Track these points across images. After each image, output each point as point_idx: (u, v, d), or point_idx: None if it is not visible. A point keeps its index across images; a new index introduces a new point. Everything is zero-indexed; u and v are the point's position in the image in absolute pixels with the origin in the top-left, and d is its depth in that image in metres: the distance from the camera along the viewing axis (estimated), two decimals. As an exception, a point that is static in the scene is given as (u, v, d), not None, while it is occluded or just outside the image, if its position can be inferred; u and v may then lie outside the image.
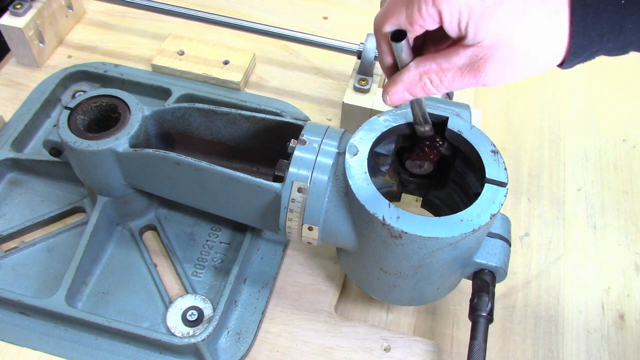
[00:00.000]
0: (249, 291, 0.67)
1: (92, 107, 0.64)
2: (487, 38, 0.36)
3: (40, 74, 0.87)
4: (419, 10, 0.36)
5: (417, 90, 0.41)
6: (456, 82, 0.39)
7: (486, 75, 0.38)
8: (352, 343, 0.64)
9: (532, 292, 0.70)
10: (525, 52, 0.36)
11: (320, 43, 0.80)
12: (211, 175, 0.59)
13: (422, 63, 0.40)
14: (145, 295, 0.66)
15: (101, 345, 0.62)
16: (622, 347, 0.66)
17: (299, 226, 0.57)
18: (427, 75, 0.39)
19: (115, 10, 0.95)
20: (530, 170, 0.81)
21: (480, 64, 0.37)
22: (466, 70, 0.38)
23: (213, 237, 0.71)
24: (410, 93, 0.41)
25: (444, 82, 0.39)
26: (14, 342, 0.62)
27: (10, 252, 0.69)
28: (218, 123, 0.65)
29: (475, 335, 0.55)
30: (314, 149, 0.56)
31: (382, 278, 0.57)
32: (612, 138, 0.86)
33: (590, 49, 0.35)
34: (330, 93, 0.87)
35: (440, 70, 0.39)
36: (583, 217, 0.77)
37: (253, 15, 0.97)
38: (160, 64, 0.85)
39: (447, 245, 0.51)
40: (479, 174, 0.55)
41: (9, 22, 0.83)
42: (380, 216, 0.50)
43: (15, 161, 0.74)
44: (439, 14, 0.36)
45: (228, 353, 0.62)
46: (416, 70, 0.40)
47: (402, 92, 0.41)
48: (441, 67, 0.39)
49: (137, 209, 0.71)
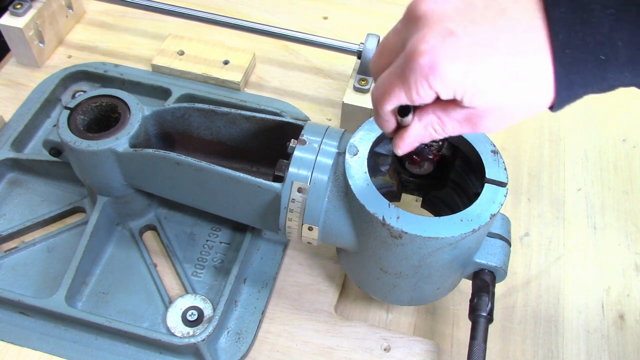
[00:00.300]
0: (249, 291, 0.67)
1: (92, 107, 0.64)
2: (481, 105, 0.39)
3: (40, 74, 0.87)
4: (417, 92, 0.39)
5: (424, 139, 0.45)
6: (456, 130, 0.42)
7: (483, 128, 0.41)
8: (352, 343, 0.64)
9: (532, 292, 0.70)
10: (518, 110, 0.40)
11: (320, 43, 0.80)
12: (211, 175, 0.59)
13: (424, 116, 0.43)
14: (145, 295, 0.66)
15: (101, 345, 0.62)
16: (622, 347, 0.66)
17: (299, 226, 0.57)
18: (430, 125, 0.43)
19: (115, 10, 0.95)
20: (530, 170, 0.81)
21: (476, 120, 0.41)
22: (464, 122, 0.41)
23: (213, 237, 0.71)
24: (419, 142, 0.45)
25: (445, 130, 0.43)
26: (14, 342, 0.62)
27: (10, 252, 0.69)
28: (218, 123, 0.65)
29: (475, 335, 0.56)
30: (314, 149, 0.56)
31: (382, 278, 0.57)
32: (612, 138, 0.86)
33: (575, 98, 0.39)
34: (330, 93, 0.87)
35: (441, 122, 0.42)
36: (583, 217, 0.77)
37: (253, 15, 0.97)
38: (160, 64, 0.85)
39: (447, 245, 0.51)
40: (479, 174, 0.55)
41: (9, 22, 0.83)
42: (380, 216, 0.50)
43: (15, 161, 0.74)
44: (436, 93, 0.39)
45: (228, 353, 0.62)
46: (420, 124, 0.43)
47: (410, 143, 0.45)
48: (442, 119, 0.42)
49: (137, 209, 0.71)
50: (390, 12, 0.99)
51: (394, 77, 0.40)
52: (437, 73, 0.37)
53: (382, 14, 0.99)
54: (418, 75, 0.38)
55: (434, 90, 0.38)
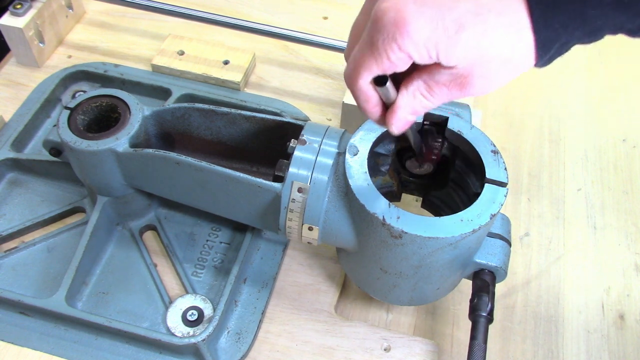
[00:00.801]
0: (249, 291, 0.67)
1: (92, 107, 0.64)
2: (460, 62, 0.37)
3: (40, 74, 0.87)
4: (388, 59, 0.37)
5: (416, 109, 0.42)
6: (445, 95, 0.40)
7: (471, 89, 0.39)
8: (352, 343, 0.64)
9: (532, 292, 0.70)
10: (500, 63, 0.37)
11: (320, 43, 0.80)
12: (211, 175, 0.59)
13: (411, 83, 0.41)
14: (145, 295, 0.66)
15: (101, 345, 0.62)
16: (622, 347, 0.66)
17: (299, 226, 0.57)
18: (418, 92, 0.41)
19: (115, 10, 0.95)
20: (530, 170, 0.81)
21: (462, 80, 0.39)
22: (451, 84, 0.39)
23: (213, 237, 0.71)
24: (411, 113, 0.42)
25: (434, 95, 0.40)
26: (14, 342, 0.62)
27: (10, 252, 0.69)
28: (218, 123, 0.65)
29: (475, 335, 0.56)
30: (314, 149, 0.56)
31: (382, 278, 0.57)
32: (612, 138, 0.86)
33: (558, 41, 0.36)
34: (330, 93, 0.87)
35: (428, 87, 0.40)
36: (583, 217, 0.77)
37: (253, 15, 0.97)
38: (160, 64, 0.85)
39: (447, 245, 0.51)
40: (479, 174, 0.55)
41: (9, 22, 0.83)
42: (380, 216, 0.50)
43: (15, 161, 0.74)
44: (408, 56, 0.37)
45: (228, 353, 0.62)
46: (407, 93, 0.41)
47: (404, 117, 0.42)
48: (428, 84, 0.40)
49: (137, 209, 0.71)
50: (390, 12, 0.99)
51: (363, 48, 0.38)
52: (404, 30, 0.35)
53: (382, 14, 0.99)
54: (385, 36, 0.36)
55: (405, 52, 0.36)
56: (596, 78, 0.93)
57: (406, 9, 0.35)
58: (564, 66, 0.93)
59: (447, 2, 0.35)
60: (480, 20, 0.35)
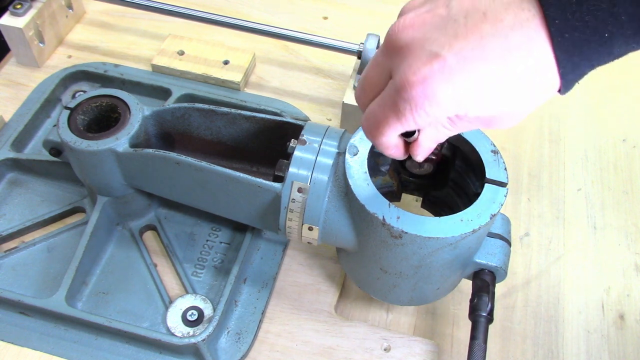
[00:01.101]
0: (249, 291, 0.67)
1: (92, 107, 0.64)
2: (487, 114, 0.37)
3: (40, 74, 0.87)
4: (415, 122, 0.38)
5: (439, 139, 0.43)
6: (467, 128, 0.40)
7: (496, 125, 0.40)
8: (352, 343, 0.64)
9: (532, 292, 0.70)
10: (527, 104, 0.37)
11: (320, 43, 0.80)
12: (211, 175, 0.59)
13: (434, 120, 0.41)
14: (145, 295, 0.66)
15: (101, 345, 0.62)
16: (622, 347, 0.66)
17: (299, 226, 0.57)
18: (441, 125, 0.40)
19: (115, 10, 0.95)
20: (530, 170, 0.81)
21: (488, 122, 0.39)
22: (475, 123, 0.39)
23: (213, 237, 0.71)
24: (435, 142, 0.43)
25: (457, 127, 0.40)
26: (14, 342, 0.62)
27: (10, 252, 0.69)
28: (218, 123, 0.65)
29: (475, 335, 0.56)
30: (314, 149, 0.56)
31: (382, 278, 0.57)
32: (612, 138, 0.86)
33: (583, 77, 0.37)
34: (330, 93, 0.87)
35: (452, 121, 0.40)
36: (583, 217, 0.77)
37: (253, 15, 0.97)
38: (160, 64, 0.85)
39: (447, 245, 0.51)
40: (479, 174, 0.55)
41: (9, 22, 0.83)
42: (380, 216, 0.50)
43: (15, 161, 0.74)
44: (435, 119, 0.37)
45: (228, 353, 0.62)
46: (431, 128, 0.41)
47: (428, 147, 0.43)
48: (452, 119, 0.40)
49: (137, 209, 0.71)
50: (390, 12, 0.99)
51: (386, 110, 0.39)
52: (433, 101, 0.36)
53: (382, 14, 0.99)
54: (413, 106, 0.37)
55: (432, 116, 0.37)
56: (596, 78, 0.92)
57: (434, 82, 0.35)
58: (564, 66, 0.93)
59: (474, 67, 0.35)
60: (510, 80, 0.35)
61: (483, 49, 0.34)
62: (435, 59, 0.35)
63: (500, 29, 0.34)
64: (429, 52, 0.36)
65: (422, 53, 0.36)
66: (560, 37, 0.34)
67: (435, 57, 0.35)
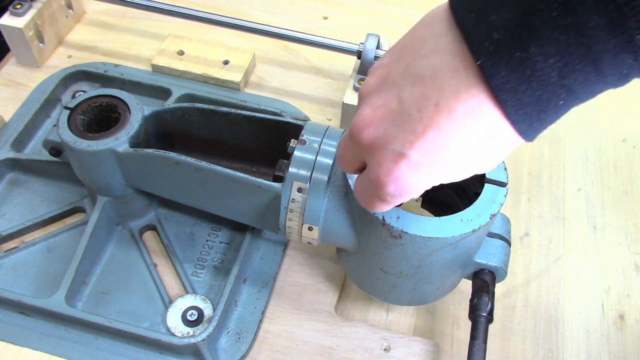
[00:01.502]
0: (249, 291, 0.67)
1: (92, 107, 0.64)
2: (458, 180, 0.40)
3: (40, 74, 0.87)
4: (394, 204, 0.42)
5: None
6: None
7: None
8: (352, 343, 0.64)
9: (532, 292, 0.70)
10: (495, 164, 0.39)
11: (320, 43, 0.80)
12: (211, 175, 0.59)
13: None
14: (145, 295, 0.66)
15: (101, 345, 0.62)
16: (622, 347, 0.66)
17: (299, 226, 0.57)
18: None
19: (115, 10, 0.95)
20: (530, 170, 0.81)
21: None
22: None
23: (213, 237, 0.71)
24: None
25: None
26: (14, 342, 0.62)
27: (10, 252, 0.69)
28: (218, 123, 0.65)
29: (475, 335, 0.56)
30: (314, 149, 0.56)
31: (382, 278, 0.57)
32: (612, 138, 0.86)
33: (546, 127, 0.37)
34: (330, 93, 0.87)
35: None
36: (583, 217, 0.77)
37: (253, 15, 0.97)
38: (160, 64, 0.85)
39: (447, 245, 0.51)
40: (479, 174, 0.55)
41: (9, 22, 0.83)
42: (380, 216, 0.50)
43: (15, 161, 0.74)
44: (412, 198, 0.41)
45: (228, 353, 0.62)
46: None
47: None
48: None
49: (137, 209, 0.71)
50: (390, 12, 0.99)
51: (372, 197, 0.42)
52: (408, 191, 0.39)
53: (382, 14, 0.99)
54: (392, 197, 0.40)
55: (411, 198, 0.40)
56: (596, 78, 0.93)
57: (405, 179, 0.38)
58: (564, 66, 0.93)
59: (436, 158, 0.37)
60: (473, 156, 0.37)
61: (442, 139, 0.36)
62: (400, 158, 0.37)
63: (454, 118, 0.35)
64: (393, 151, 0.38)
65: (387, 152, 0.38)
66: (515, 114, 0.34)
67: (400, 156, 0.37)
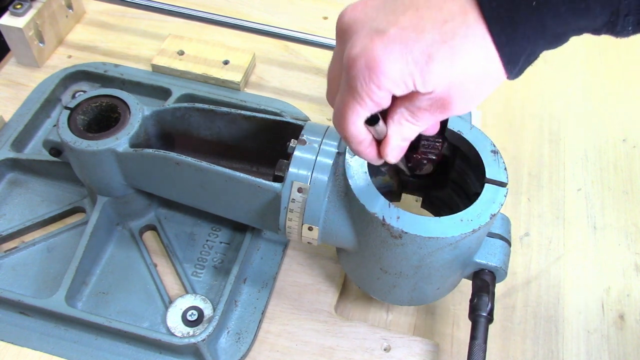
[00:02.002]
0: (249, 291, 0.67)
1: (92, 107, 0.64)
2: (436, 87, 0.38)
3: (40, 74, 0.87)
4: (371, 100, 0.39)
5: (406, 136, 0.43)
6: (429, 118, 0.42)
7: (452, 109, 0.40)
8: (352, 343, 0.64)
9: (532, 292, 0.70)
10: (474, 82, 0.38)
11: (320, 43, 0.80)
12: (211, 175, 0.59)
13: (395, 112, 0.42)
14: (145, 295, 0.66)
15: (101, 345, 0.62)
16: (622, 347, 0.66)
17: (299, 226, 0.57)
18: (404, 119, 0.42)
19: (115, 10, 0.95)
20: (530, 170, 0.81)
21: (442, 103, 0.40)
22: (432, 108, 0.41)
23: (213, 237, 0.71)
24: (403, 140, 0.44)
25: (419, 120, 0.42)
26: (14, 342, 0.62)
27: (10, 252, 0.69)
28: (218, 123, 0.65)
29: (475, 335, 0.56)
30: (314, 149, 0.56)
31: (382, 278, 0.57)
32: (612, 138, 0.86)
33: (523, 54, 0.37)
34: (330, 93, 0.87)
35: (412, 112, 0.41)
36: (583, 217, 0.77)
37: (253, 15, 0.97)
38: (160, 64, 0.85)
39: (447, 245, 0.51)
40: (479, 174, 0.55)
41: (9, 22, 0.83)
42: (380, 216, 0.50)
43: (15, 161, 0.74)
44: (388, 92, 0.38)
45: (228, 353, 0.62)
46: (394, 123, 0.42)
47: (397, 145, 0.44)
48: (411, 110, 0.41)
49: (137, 209, 0.71)
50: (390, 12, 0.99)
51: (344, 95, 0.40)
52: (378, 70, 0.37)
53: (382, 14, 0.99)
54: (362, 80, 0.38)
55: (384, 89, 0.38)
56: (596, 78, 0.93)
57: (375, 51, 0.37)
58: (564, 66, 0.93)
59: (412, 35, 0.37)
60: (447, 47, 0.37)
61: (419, 19, 0.37)
62: (375, 34, 0.37)
63: (434, 1, 0.36)
64: (370, 28, 0.38)
65: (364, 31, 0.38)
66: (489, 8, 0.35)
67: (376, 32, 0.37)
